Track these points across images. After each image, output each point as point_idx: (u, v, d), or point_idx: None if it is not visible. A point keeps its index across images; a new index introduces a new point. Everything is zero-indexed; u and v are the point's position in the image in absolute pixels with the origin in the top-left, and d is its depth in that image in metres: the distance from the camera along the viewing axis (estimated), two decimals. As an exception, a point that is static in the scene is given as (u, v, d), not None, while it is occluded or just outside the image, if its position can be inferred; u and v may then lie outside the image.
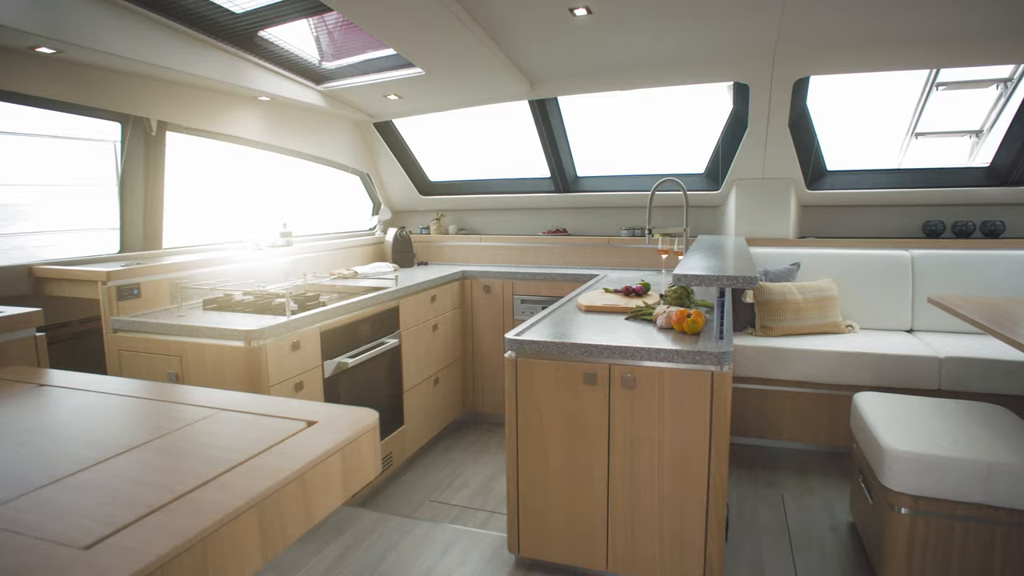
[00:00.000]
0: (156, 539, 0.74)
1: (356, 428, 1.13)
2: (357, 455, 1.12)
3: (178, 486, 0.88)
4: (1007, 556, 1.94)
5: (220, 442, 1.07)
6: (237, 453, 1.00)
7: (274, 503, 0.92)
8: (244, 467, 0.96)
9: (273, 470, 0.96)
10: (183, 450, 1.04)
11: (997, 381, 2.99)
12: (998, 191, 3.80)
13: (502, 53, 3.32)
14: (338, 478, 1.07)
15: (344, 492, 1.10)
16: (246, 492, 0.88)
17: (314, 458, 1.01)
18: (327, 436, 1.09)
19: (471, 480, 3.20)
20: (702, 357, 1.92)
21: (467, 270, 4.02)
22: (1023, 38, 3.04)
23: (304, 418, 1.17)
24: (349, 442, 1.10)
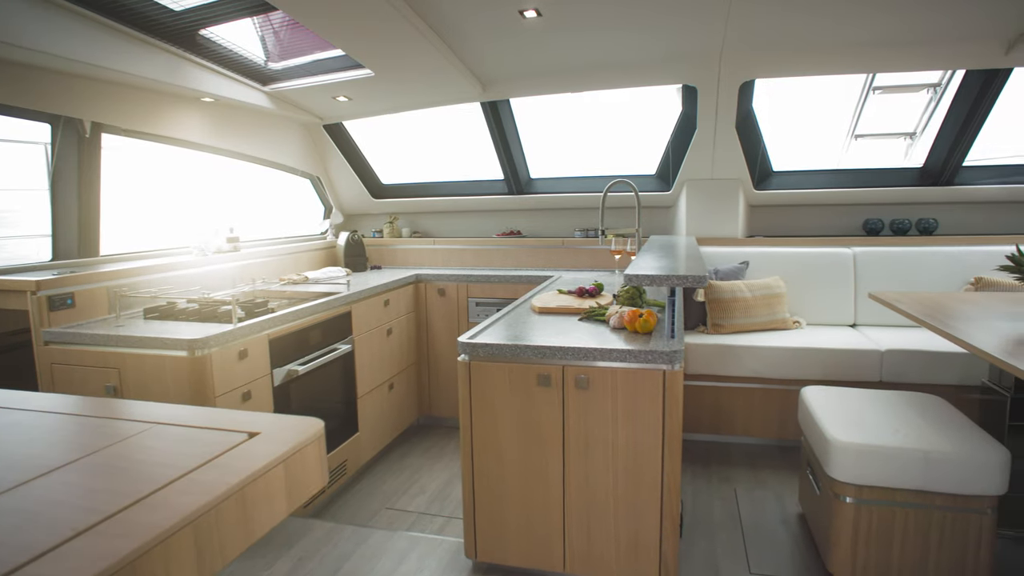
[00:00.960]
0: (79, 564, 0.70)
1: (300, 438, 1.09)
2: (302, 466, 1.09)
3: (105, 506, 0.84)
4: (942, 538, 2.03)
5: (154, 458, 1.02)
6: (172, 469, 0.96)
7: (211, 520, 0.88)
8: (179, 483, 0.91)
9: (210, 485, 0.92)
10: (113, 468, 0.98)
11: (933, 372, 3.12)
12: (931, 190, 3.97)
13: (453, 55, 3.30)
14: (281, 490, 1.03)
15: (288, 505, 1.06)
16: (180, 509, 0.84)
17: (255, 471, 0.97)
18: (269, 447, 1.05)
19: (428, 486, 3.16)
20: (654, 356, 1.93)
21: (421, 273, 3.98)
22: (950, 46, 3.19)
23: (245, 430, 1.13)
24: (293, 453, 1.06)
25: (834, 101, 4.21)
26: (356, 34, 2.97)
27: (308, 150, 4.37)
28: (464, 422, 2.16)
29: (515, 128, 4.21)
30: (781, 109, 4.13)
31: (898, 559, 2.07)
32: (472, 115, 4.13)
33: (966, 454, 1.97)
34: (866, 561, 2.10)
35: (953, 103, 3.67)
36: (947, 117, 3.75)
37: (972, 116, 3.58)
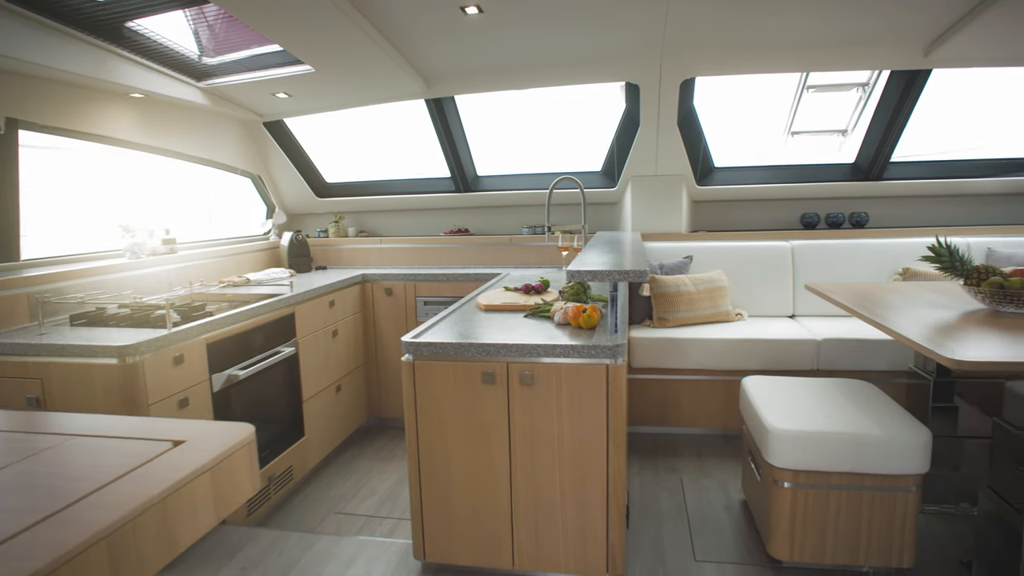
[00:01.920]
0: (-24, 588, 0.66)
1: (228, 445, 1.06)
2: (230, 474, 1.05)
3: (9, 526, 0.79)
4: (872, 516, 2.12)
5: (69, 472, 0.97)
6: (87, 482, 0.91)
7: (128, 534, 0.84)
8: (93, 497, 0.87)
9: (128, 498, 0.88)
10: (22, 485, 0.93)
11: (865, 359, 3.26)
12: (862, 185, 4.15)
13: (395, 51, 3.26)
14: (208, 500, 1.00)
15: (216, 515, 1.02)
16: (93, 525, 0.80)
17: (177, 481, 0.93)
18: (194, 456, 1.01)
19: (378, 488, 3.12)
20: (597, 351, 1.95)
21: (368, 273, 3.92)
22: (875, 48, 3.34)
23: (170, 438, 1.08)
24: (220, 460, 1.02)
25: (772, 99, 4.34)
26: (293, 29, 2.89)
27: (248, 148, 4.24)
28: (410, 422, 2.14)
29: (461, 125, 4.19)
30: (722, 107, 4.23)
31: (832, 539, 2.16)
32: (418, 112, 4.09)
33: (892, 436, 2.07)
34: (803, 542, 2.18)
35: (880, 102, 3.84)
36: (875, 115, 3.91)
37: (897, 114, 3.75)
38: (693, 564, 2.30)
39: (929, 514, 2.62)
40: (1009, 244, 3.82)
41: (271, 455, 2.87)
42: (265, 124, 4.17)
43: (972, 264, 2.45)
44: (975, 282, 2.36)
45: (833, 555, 2.18)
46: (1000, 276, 2.30)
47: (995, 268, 2.35)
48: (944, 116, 4.19)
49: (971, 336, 2.02)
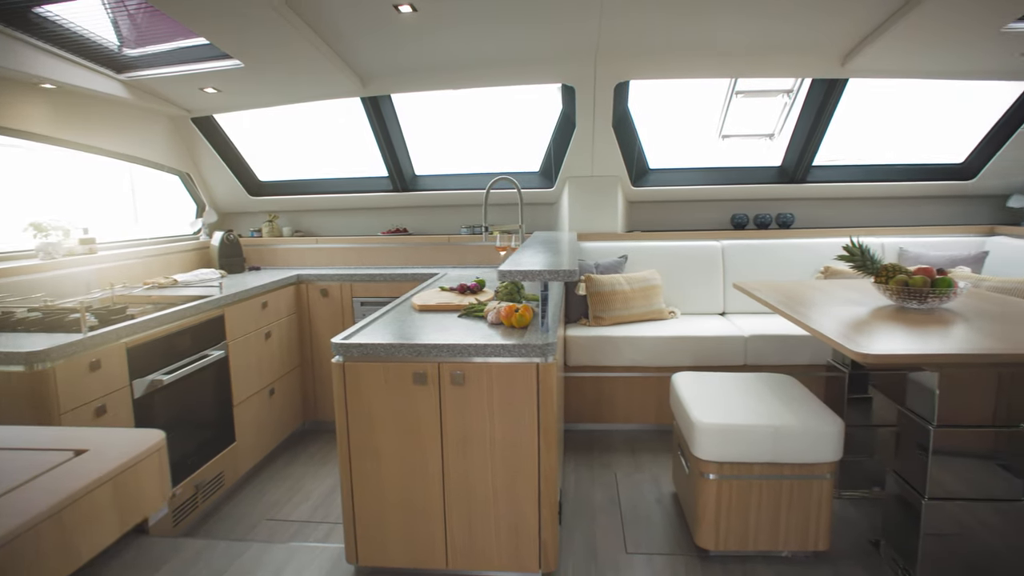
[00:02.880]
0: None
1: (134, 452, 1.02)
2: (136, 483, 1.01)
3: None
4: (791, 502, 2.23)
5: (-46, 486, 0.92)
6: (-27, 497, 0.87)
7: (20, 548, 0.80)
8: (-21, 512, 0.83)
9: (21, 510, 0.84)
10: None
11: (789, 354, 3.41)
12: (788, 187, 4.33)
13: (328, 48, 3.20)
14: (111, 510, 0.96)
15: (121, 525, 0.99)
16: (-19, 539, 0.76)
17: (75, 491, 0.90)
18: (96, 465, 0.97)
19: (313, 492, 3.06)
20: (527, 350, 1.98)
21: (303, 273, 3.83)
22: (797, 56, 3.49)
23: (71, 447, 1.04)
24: (125, 469, 0.99)
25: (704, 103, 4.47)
26: (220, 23, 2.80)
27: (176, 144, 4.08)
28: (341, 425, 2.11)
29: (398, 124, 4.15)
30: (657, 110, 4.34)
31: (754, 526, 2.25)
32: (354, 110, 4.03)
33: (809, 427, 2.17)
34: (728, 531, 2.26)
35: (803, 108, 4.02)
36: (798, 121, 4.10)
37: (818, 120, 3.94)
38: (624, 556, 2.36)
39: (845, 499, 2.77)
40: (919, 244, 4.06)
41: (199, 461, 2.78)
42: (194, 120, 4.02)
43: (881, 263, 2.60)
44: (883, 280, 2.51)
45: (755, 542, 2.27)
46: (905, 274, 2.45)
47: (901, 267, 2.50)
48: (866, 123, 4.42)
49: (879, 331, 2.14)
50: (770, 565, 2.29)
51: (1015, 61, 3.40)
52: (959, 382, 2.10)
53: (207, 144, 4.15)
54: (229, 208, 4.65)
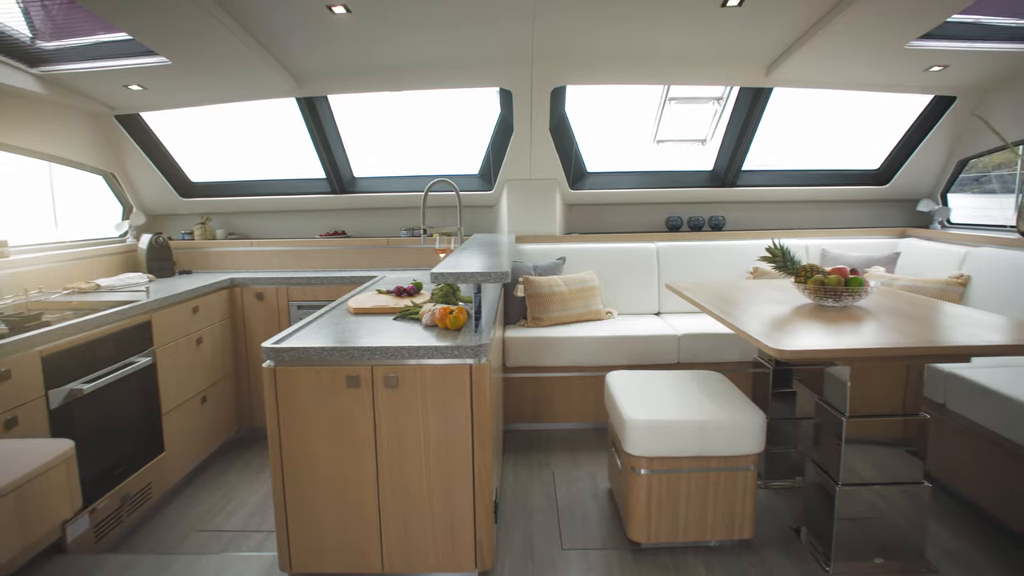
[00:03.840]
0: None
1: (37, 464, 0.99)
2: (40, 495, 0.98)
3: None
4: (717, 494, 2.32)
5: None
6: None
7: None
8: None
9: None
10: None
11: (720, 351, 3.55)
12: (719, 191, 4.50)
13: (260, 47, 3.14)
14: (11, 524, 0.93)
15: (22, 539, 0.95)
16: None
17: (-29, 506, 0.86)
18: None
19: (247, 501, 2.99)
20: (460, 351, 2.00)
21: (237, 277, 3.74)
22: (725, 66, 3.64)
23: (-31, 460, 0.99)
24: (26, 481, 0.95)
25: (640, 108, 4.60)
26: (142, 17, 2.71)
27: (98, 143, 3.90)
28: (272, 431, 2.07)
29: (335, 126, 4.11)
30: (594, 114, 4.44)
31: (683, 518, 2.34)
32: (290, 111, 3.96)
33: (733, 421, 2.27)
34: (659, 524, 2.34)
35: (732, 115, 4.19)
36: (728, 127, 4.26)
37: (746, 127, 4.11)
38: (560, 552, 2.40)
39: (770, 489, 2.90)
40: (839, 245, 4.29)
41: (125, 473, 2.67)
42: (118, 118, 3.86)
43: (800, 264, 2.74)
44: (803, 280, 2.64)
45: (685, 533, 2.36)
46: (822, 274, 2.59)
47: (819, 267, 2.64)
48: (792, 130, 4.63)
49: (797, 328, 2.26)
50: (699, 555, 2.37)
51: (920, 75, 3.65)
52: (869, 375, 2.24)
53: (133, 143, 3.99)
54: (159, 210, 4.49)
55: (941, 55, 3.36)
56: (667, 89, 4.20)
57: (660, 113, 4.40)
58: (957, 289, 3.46)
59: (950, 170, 4.32)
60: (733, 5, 2.91)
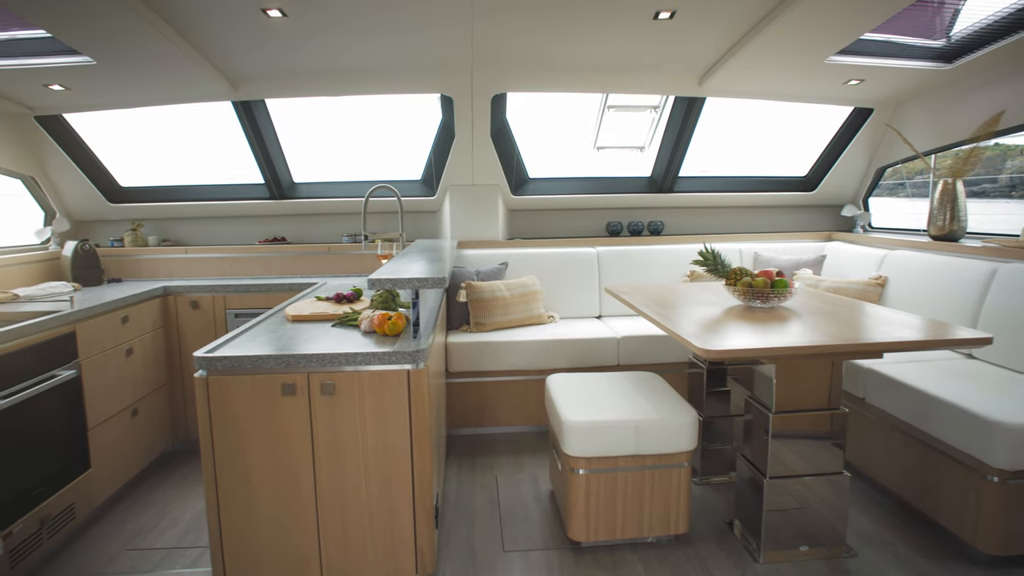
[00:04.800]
0: None
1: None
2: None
3: None
4: (653, 491, 2.40)
5: None
6: None
7: None
8: None
9: None
10: None
11: (658, 352, 3.65)
12: (657, 196, 4.63)
13: (193, 49, 3.06)
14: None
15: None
16: None
17: None
18: None
19: (182, 517, 2.89)
20: (398, 357, 2.00)
21: (170, 285, 3.62)
22: (660, 75, 3.76)
23: None
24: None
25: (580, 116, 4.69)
26: (60, 14, 2.60)
27: (16, 145, 3.71)
28: (205, 443, 2.02)
29: (273, 130, 4.03)
30: (536, 121, 4.50)
31: (621, 515, 2.40)
32: (227, 115, 3.87)
33: (667, 420, 2.35)
34: (597, 522, 2.39)
35: (668, 123, 4.32)
36: (665, 135, 4.40)
37: (681, 135, 4.25)
38: (502, 555, 2.43)
39: (706, 485, 3.00)
40: (771, 249, 4.48)
41: (45, 493, 2.54)
42: (38, 119, 3.69)
43: (730, 267, 2.86)
44: (733, 282, 2.76)
45: (623, 531, 2.42)
46: (750, 277, 2.71)
47: (747, 270, 2.76)
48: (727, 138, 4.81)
49: (726, 329, 2.35)
50: (636, 551, 2.44)
51: (840, 88, 3.86)
52: (793, 372, 2.35)
53: (55, 146, 3.81)
54: (85, 216, 4.30)
55: (857, 70, 3.56)
56: (606, 97, 4.30)
57: (600, 121, 4.49)
58: (876, 289, 3.67)
59: (870, 177, 4.58)
60: (665, 18, 3.02)
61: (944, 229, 3.65)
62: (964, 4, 3.17)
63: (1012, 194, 7.02)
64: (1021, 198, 7.06)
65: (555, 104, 4.54)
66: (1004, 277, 2.93)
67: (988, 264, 3.07)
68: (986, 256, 3.17)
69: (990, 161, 7.05)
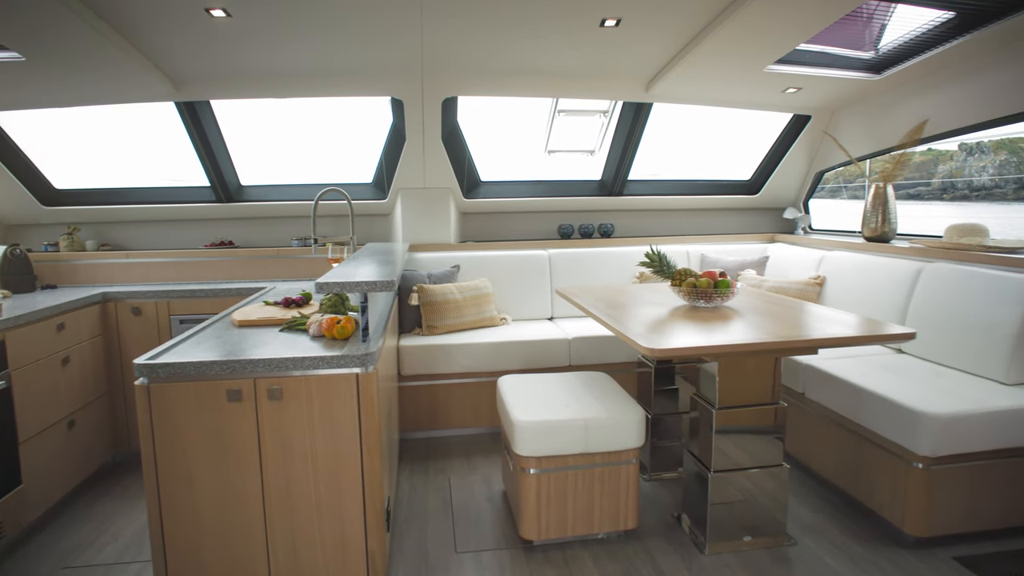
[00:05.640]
0: None
1: None
2: None
3: None
4: (603, 488, 2.45)
5: None
6: None
7: None
8: None
9: None
10: None
11: (608, 353, 3.72)
12: (607, 199, 4.72)
13: (132, 47, 2.98)
14: None
15: None
16: None
17: None
18: None
19: (123, 531, 2.79)
20: (347, 361, 1.99)
21: (110, 291, 3.49)
22: (611, 82, 3.84)
23: None
24: None
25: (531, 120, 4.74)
26: (-10, 10, 2.50)
27: (-59, 146, 3.53)
28: (147, 452, 1.96)
29: (219, 132, 3.94)
30: (486, 125, 4.53)
31: (572, 513, 2.44)
32: (170, 115, 3.76)
33: (615, 418, 2.40)
34: (548, 520, 2.43)
35: (617, 127, 4.41)
36: (614, 139, 4.49)
37: (630, 139, 4.35)
38: (454, 556, 2.44)
39: (656, 481, 3.08)
40: (717, 251, 4.61)
41: (-27, 510, 2.43)
42: (-37, 118, 3.52)
43: (675, 268, 2.94)
44: (678, 283, 2.84)
45: (573, 528, 2.46)
46: (694, 277, 2.79)
47: (692, 271, 2.85)
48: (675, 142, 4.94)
49: (671, 328, 2.42)
50: (587, 548, 2.48)
51: (779, 96, 4.01)
52: (735, 369, 2.44)
53: (-17, 146, 3.64)
54: (15, 219, 4.11)
55: (795, 79, 3.72)
56: (556, 102, 4.36)
57: (550, 124, 4.55)
58: (815, 289, 3.82)
59: (809, 181, 4.78)
60: (611, 25, 3.09)
61: (876, 231, 3.84)
62: (890, 19, 3.35)
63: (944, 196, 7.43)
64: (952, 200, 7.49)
65: (506, 108, 4.58)
66: (928, 276, 3.10)
67: (915, 264, 3.25)
68: (913, 256, 3.35)
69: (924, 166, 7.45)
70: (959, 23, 3.00)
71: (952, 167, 7.28)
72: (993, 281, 2.76)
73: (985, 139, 6.51)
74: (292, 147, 4.56)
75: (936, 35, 3.15)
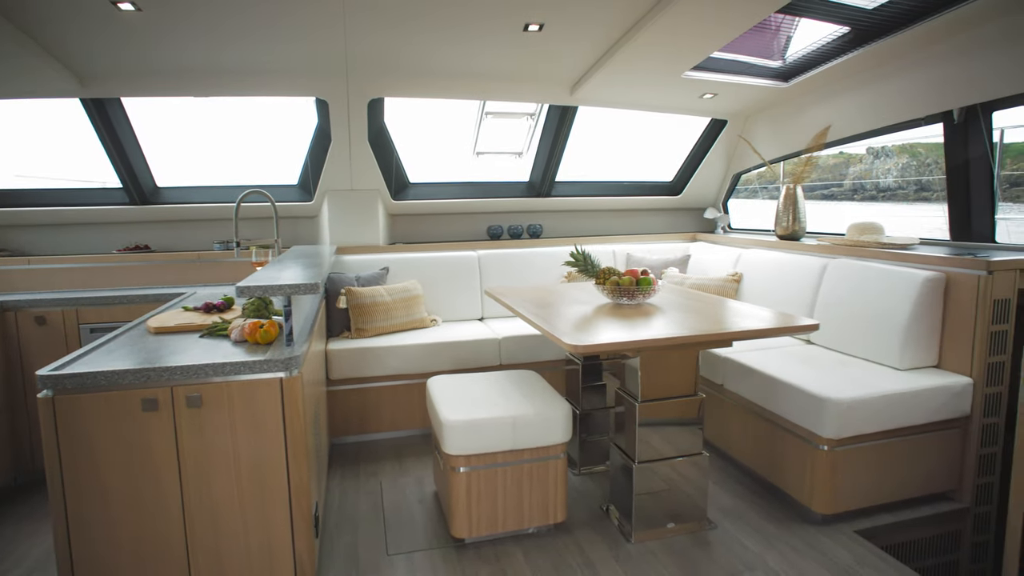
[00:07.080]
0: None
1: None
2: None
3: None
4: (532, 483, 2.50)
5: None
6: None
7: None
8: None
9: None
10: None
11: (537, 351, 3.78)
12: (536, 200, 4.79)
13: (29, 39, 2.81)
14: None
15: None
16: None
17: None
18: None
19: (27, 556, 2.62)
20: (270, 365, 1.95)
21: (9, 300, 3.27)
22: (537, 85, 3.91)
23: None
24: None
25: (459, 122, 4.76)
26: None
27: None
28: (52, 469, 1.86)
29: (131, 131, 3.76)
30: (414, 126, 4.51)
31: (502, 509, 2.48)
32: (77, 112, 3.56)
33: (541, 414, 2.45)
34: (479, 518, 2.46)
35: (543, 130, 4.50)
36: (541, 141, 4.57)
37: (556, 141, 4.44)
38: (385, 558, 2.43)
39: (586, 475, 3.16)
40: (642, 250, 4.77)
41: None
42: None
43: (599, 267, 3.03)
44: (602, 281, 2.93)
45: (504, 524, 2.50)
46: (617, 276, 2.89)
47: (615, 270, 2.94)
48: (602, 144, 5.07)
49: (596, 325, 2.50)
50: (519, 543, 2.53)
51: (697, 101, 4.20)
52: (655, 363, 2.54)
53: None
54: (-101, 224, 3.79)
55: (711, 85, 3.90)
56: (483, 104, 4.40)
57: (478, 127, 4.59)
58: (733, 285, 4.02)
59: (728, 183, 5.01)
60: (534, 30, 3.15)
61: (788, 229, 4.08)
62: (795, 32, 3.58)
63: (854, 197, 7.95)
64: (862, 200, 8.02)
65: (434, 110, 4.58)
66: (832, 271, 3.33)
67: (821, 260, 3.47)
68: (819, 253, 3.58)
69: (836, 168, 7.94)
70: (854, 37, 3.23)
71: (861, 169, 7.82)
72: (886, 275, 2.99)
73: (889, 143, 7.02)
74: (213, 148, 4.40)
75: (834, 47, 3.39)
